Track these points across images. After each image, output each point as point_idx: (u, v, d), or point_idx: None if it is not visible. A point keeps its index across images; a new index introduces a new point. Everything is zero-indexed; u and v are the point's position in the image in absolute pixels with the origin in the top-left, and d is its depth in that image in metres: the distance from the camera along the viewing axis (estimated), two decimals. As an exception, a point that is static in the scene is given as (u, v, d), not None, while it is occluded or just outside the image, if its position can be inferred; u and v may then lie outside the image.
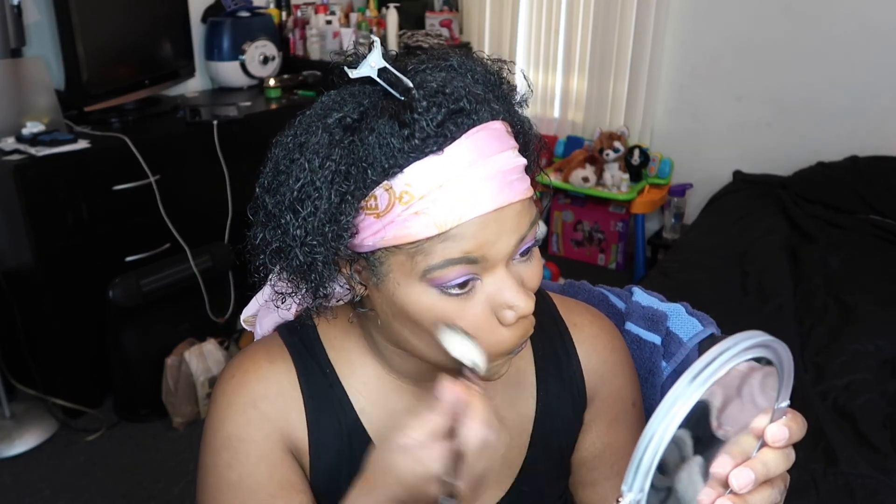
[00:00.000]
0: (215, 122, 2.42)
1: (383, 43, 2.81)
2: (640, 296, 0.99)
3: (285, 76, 2.93)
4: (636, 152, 3.21)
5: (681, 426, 0.43)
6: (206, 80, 2.97)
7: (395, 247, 0.56)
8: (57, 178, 2.08)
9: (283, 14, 3.16)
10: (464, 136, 0.55)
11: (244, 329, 2.87)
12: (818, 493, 1.46)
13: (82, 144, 2.14)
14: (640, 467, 0.42)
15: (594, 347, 0.78)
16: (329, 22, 3.09)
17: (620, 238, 3.41)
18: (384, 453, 0.55)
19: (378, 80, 0.57)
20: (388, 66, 0.57)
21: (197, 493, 0.71)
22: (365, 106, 0.58)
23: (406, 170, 0.54)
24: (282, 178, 0.58)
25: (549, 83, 3.48)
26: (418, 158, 0.54)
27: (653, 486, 0.43)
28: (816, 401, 1.72)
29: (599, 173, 3.22)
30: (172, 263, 2.30)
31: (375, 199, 0.55)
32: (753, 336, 0.46)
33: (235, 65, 2.85)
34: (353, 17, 3.21)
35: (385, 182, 0.55)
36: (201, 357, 2.27)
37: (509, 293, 0.58)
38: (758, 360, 0.47)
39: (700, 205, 3.10)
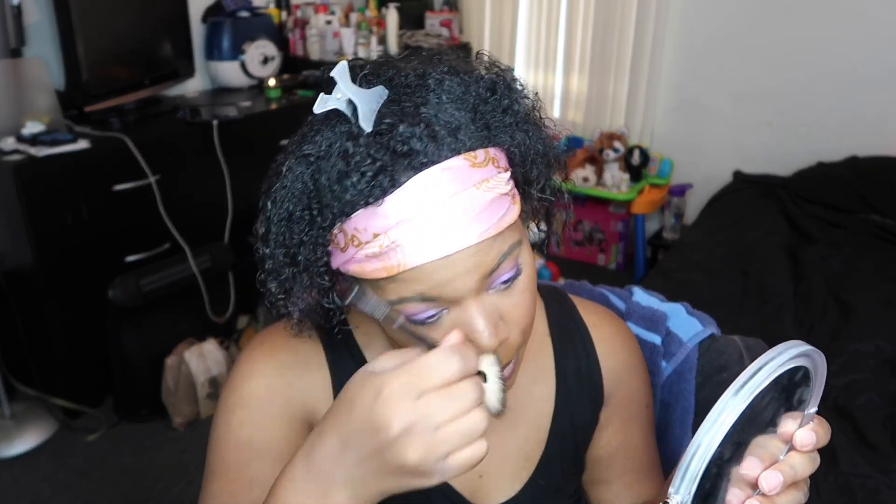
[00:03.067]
0: (215, 122, 2.42)
1: (383, 42, 2.79)
2: (640, 296, 1.00)
3: (285, 76, 2.93)
4: (636, 152, 3.21)
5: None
6: (206, 80, 2.97)
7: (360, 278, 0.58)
8: (57, 178, 2.08)
9: (283, 14, 3.16)
10: (408, 182, 0.53)
11: (244, 329, 2.86)
12: (818, 493, 1.46)
13: (82, 144, 2.14)
14: (688, 473, 0.46)
15: (613, 348, 0.80)
16: (329, 22, 3.09)
17: (620, 238, 3.41)
18: (355, 386, 0.50)
19: (346, 111, 0.55)
20: (353, 97, 0.54)
21: (207, 456, 0.70)
22: (331, 140, 0.56)
23: (352, 216, 0.54)
24: (268, 199, 0.59)
25: (548, 83, 3.48)
26: (360, 207, 0.54)
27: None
28: (816, 401, 1.72)
29: (599, 173, 3.22)
30: (172, 263, 2.30)
31: (335, 235, 0.57)
32: (795, 346, 0.48)
33: (235, 65, 2.85)
34: (353, 17, 3.21)
35: (338, 223, 0.56)
36: (201, 357, 2.27)
37: (474, 330, 0.57)
38: (794, 370, 0.49)
39: (700, 205, 3.10)
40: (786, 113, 3.02)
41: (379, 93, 0.56)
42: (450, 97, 0.57)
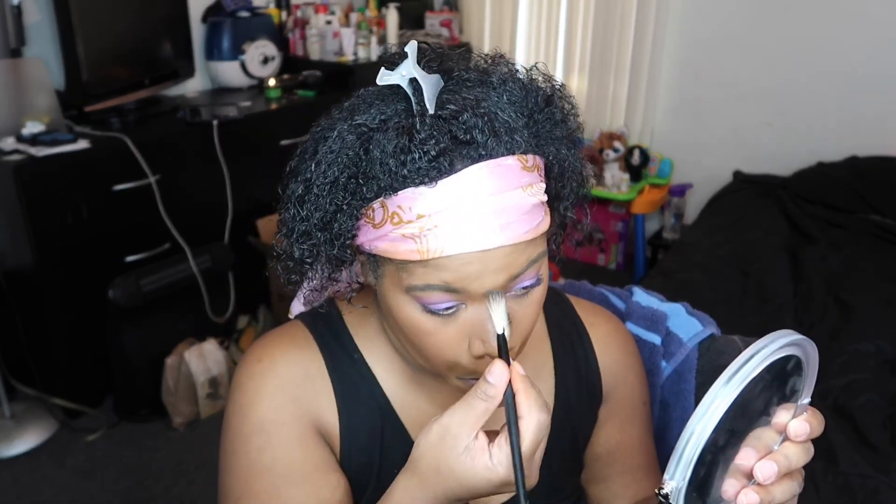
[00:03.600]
0: (215, 122, 2.42)
1: (383, 42, 2.78)
2: (640, 296, 1.00)
3: (285, 76, 2.93)
4: (636, 152, 3.21)
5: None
6: (206, 80, 2.97)
7: (385, 258, 0.58)
8: (57, 178, 2.08)
9: (283, 14, 3.16)
10: (464, 170, 0.53)
11: (244, 329, 2.86)
12: (818, 493, 1.46)
13: (82, 144, 2.14)
14: (682, 459, 0.48)
15: (610, 347, 0.80)
16: (329, 22, 3.09)
17: (620, 238, 3.41)
18: (438, 451, 0.55)
19: (407, 90, 0.56)
20: (418, 77, 0.55)
21: (222, 481, 0.70)
22: (387, 114, 0.57)
23: (400, 193, 0.54)
24: (299, 168, 0.60)
25: (549, 83, 3.48)
26: (411, 185, 0.54)
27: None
28: (816, 401, 1.71)
29: (599, 173, 3.22)
30: (172, 263, 2.30)
31: (373, 210, 0.57)
32: (786, 335, 0.49)
33: (235, 65, 2.85)
34: (353, 17, 3.21)
35: (381, 198, 0.56)
36: (201, 357, 2.27)
37: (488, 331, 0.57)
38: (786, 359, 0.50)
39: (700, 205, 3.10)
40: (786, 113, 3.02)
41: (439, 80, 0.57)
42: (510, 98, 0.58)
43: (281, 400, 0.68)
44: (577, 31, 3.33)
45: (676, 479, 0.48)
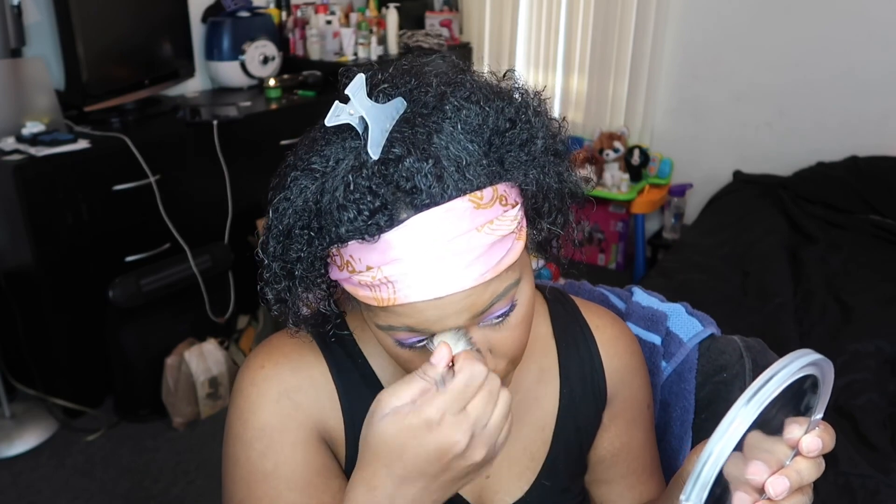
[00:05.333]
0: (215, 122, 2.42)
1: (383, 42, 2.78)
2: (640, 296, 1.00)
3: (285, 76, 2.93)
4: (636, 152, 3.21)
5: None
6: (206, 80, 2.97)
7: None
8: (57, 178, 2.08)
9: (283, 14, 3.16)
10: (409, 220, 0.51)
11: (244, 329, 2.86)
12: (818, 493, 1.45)
13: (82, 144, 2.14)
14: (700, 480, 0.47)
15: (616, 350, 0.80)
16: (329, 22, 3.09)
17: (620, 238, 3.41)
18: (369, 424, 0.54)
19: (358, 128, 0.54)
20: (365, 115, 0.53)
21: (225, 486, 0.70)
22: (340, 155, 0.55)
23: (349, 244, 0.54)
24: (271, 208, 0.58)
25: (548, 83, 3.48)
26: (357, 238, 0.53)
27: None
28: (816, 401, 1.72)
29: (599, 173, 3.22)
30: (172, 263, 2.30)
31: (332, 256, 0.57)
32: (806, 355, 0.49)
33: (235, 65, 2.85)
34: (353, 17, 3.21)
35: (335, 246, 0.55)
36: (201, 357, 2.27)
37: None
38: (803, 378, 0.50)
39: (700, 205, 3.10)
40: (786, 113, 3.02)
41: (396, 107, 0.55)
42: (465, 127, 0.55)
43: (284, 406, 0.68)
44: (577, 31, 3.33)
45: (693, 499, 0.48)
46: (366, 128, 0.53)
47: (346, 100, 0.53)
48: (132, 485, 2.05)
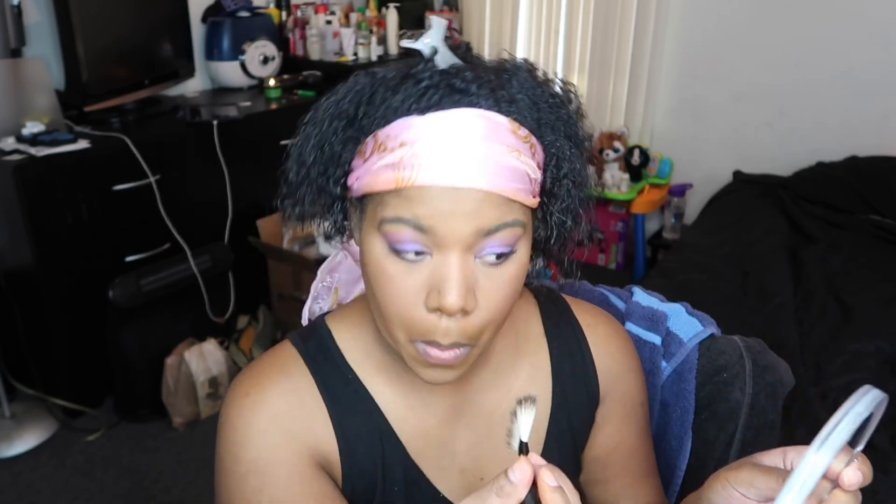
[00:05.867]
0: (215, 122, 2.42)
1: (383, 42, 2.80)
2: (640, 296, 1.00)
3: (285, 76, 2.93)
4: (636, 152, 3.21)
5: None
6: (206, 80, 2.97)
7: (368, 195, 0.60)
8: (57, 178, 2.08)
9: (283, 14, 3.16)
10: (454, 110, 0.55)
11: (244, 329, 2.86)
12: (818, 493, 1.46)
13: (82, 144, 2.14)
14: None
15: (608, 348, 0.79)
16: (329, 22, 3.09)
17: (620, 238, 3.41)
18: None
19: (426, 54, 0.59)
20: (441, 43, 0.59)
21: None
22: (399, 67, 0.60)
23: (392, 123, 0.57)
24: (329, 95, 0.64)
25: (549, 83, 3.48)
26: (403, 115, 0.56)
27: None
28: (816, 401, 1.72)
29: (599, 173, 3.22)
30: (172, 263, 2.31)
31: (366, 145, 0.59)
32: (872, 398, 0.49)
33: (235, 65, 2.85)
34: (353, 17, 3.21)
35: (374, 132, 0.58)
36: (201, 357, 2.27)
37: (446, 281, 0.56)
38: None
39: (700, 205, 3.10)
40: (786, 113, 3.02)
41: (456, 59, 0.60)
42: (520, 84, 0.59)
43: (274, 436, 0.66)
44: (577, 32, 3.33)
45: None
46: (434, 54, 0.59)
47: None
48: (132, 485, 2.05)
